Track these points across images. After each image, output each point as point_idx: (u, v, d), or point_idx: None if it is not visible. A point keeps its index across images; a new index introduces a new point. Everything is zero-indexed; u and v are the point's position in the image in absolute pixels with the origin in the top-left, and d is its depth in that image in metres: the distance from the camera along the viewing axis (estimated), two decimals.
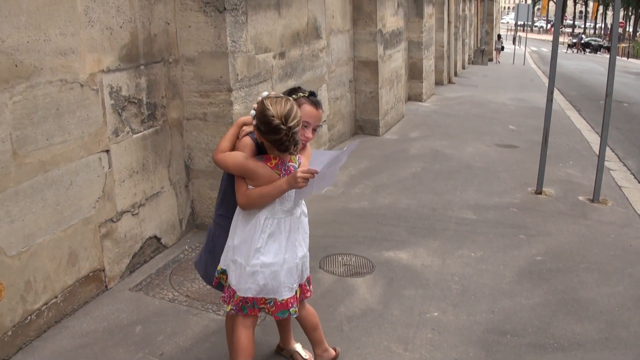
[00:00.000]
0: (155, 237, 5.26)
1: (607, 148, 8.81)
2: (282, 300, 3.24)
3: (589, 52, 58.54)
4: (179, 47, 5.36)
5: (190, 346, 4.01)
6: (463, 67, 25.56)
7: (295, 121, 2.96)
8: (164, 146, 5.28)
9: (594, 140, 11.28)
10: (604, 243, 6.06)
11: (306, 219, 3.37)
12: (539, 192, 7.63)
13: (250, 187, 3.12)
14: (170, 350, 3.96)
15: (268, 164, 3.09)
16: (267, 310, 3.28)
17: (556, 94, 14.72)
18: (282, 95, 3.11)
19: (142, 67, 4.92)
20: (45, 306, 4.10)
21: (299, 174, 2.99)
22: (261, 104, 3.01)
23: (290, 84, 6.49)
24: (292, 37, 6.47)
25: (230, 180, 3.23)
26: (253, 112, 3.05)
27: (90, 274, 4.51)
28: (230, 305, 3.26)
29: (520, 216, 6.76)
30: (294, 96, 3.20)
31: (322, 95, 7.56)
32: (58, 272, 4.19)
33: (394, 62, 11.69)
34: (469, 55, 29.41)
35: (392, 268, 5.26)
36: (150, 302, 4.55)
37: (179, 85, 5.42)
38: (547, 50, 47.53)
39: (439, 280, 5.08)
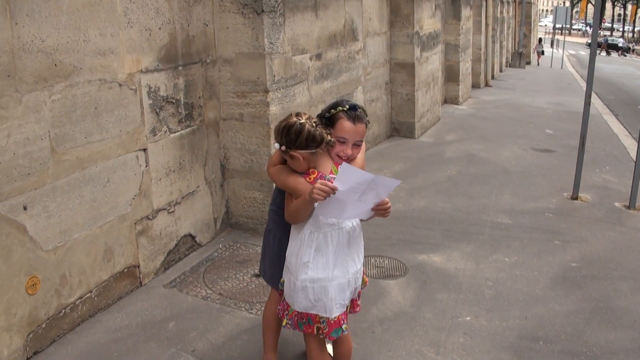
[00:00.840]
0: (190, 235, 5.31)
1: None
2: (334, 318, 3.14)
3: (619, 55, 57.21)
4: (217, 48, 5.41)
5: (222, 343, 4.04)
6: (500, 70, 25.34)
7: (301, 113, 3.08)
8: (200, 146, 5.33)
9: (631, 145, 11.12)
10: (639, 250, 5.99)
11: (361, 233, 3.26)
12: (575, 197, 7.55)
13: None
14: (203, 346, 4.00)
15: (307, 178, 3.05)
16: (321, 332, 3.18)
17: (594, 98, 14.55)
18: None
19: (180, 67, 4.97)
20: (79, 300, 4.17)
21: (316, 185, 2.82)
22: (276, 128, 3.09)
23: (326, 85, 6.51)
24: (328, 38, 6.48)
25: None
26: (276, 145, 3.08)
27: (125, 270, 4.58)
28: (285, 319, 3.23)
29: (555, 222, 6.70)
30: (332, 111, 3.10)
31: (358, 98, 7.57)
32: (93, 268, 4.26)
33: (430, 64, 11.64)
34: (507, 58, 29.14)
35: (425, 271, 5.25)
36: (184, 299, 4.60)
37: (216, 86, 5.47)
38: (585, 53, 46.97)
39: (472, 285, 5.06)
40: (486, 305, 4.73)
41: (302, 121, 2.99)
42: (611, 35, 77.26)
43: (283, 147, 3.01)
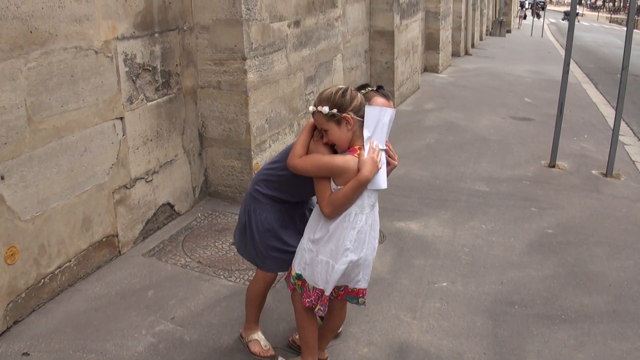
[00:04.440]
0: (169, 204, 5.31)
1: (623, 122, 8.76)
2: (354, 288, 3.18)
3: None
4: (194, 14, 5.36)
5: (201, 311, 4.07)
6: (481, 39, 25.32)
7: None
8: (178, 114, 5.31)
9: (609, 114, 11.19)
10: (615, 217, 6.06)
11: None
12: (552, 165, 7.61)
13: (337, 187, 2.98)
14: (182, 314, 4.03)
15: (355, 155, 2.95)
16: (334, 293, 3.19)
17: (573, 67, 14.61)
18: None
19: (156, 34, 4.93)
20: (58, 270, 4.16)
21: (372, 155, 2.91)
22: (325, 94, 2.97)
23: (305, 53, 6.47)
24: (307, 5, 6.44)
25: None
26: (326, 108, 2.92)
27: (104, 239, 4.58)
28: (319, 306, 3.14)
29: (532, 189, 6.76)
30: (362, 91, 3.08)
31: (337, 66, 7.54)
32: (72, 237, 4.26)
33: (410, 32, 11.61)
34: (487, 27, 29.11)
35: (402, 238, 5.29)
36: (163, 268, 4.61)
37: (194, 54, 5.43)
38: (565, 22, 46.95)
39: (449, 251, 5.11)
40: (462, 271, 4.79)
41: (352, 89, 2.97)
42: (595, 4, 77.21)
43: (335, 110, 2.90)
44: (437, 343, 3.85)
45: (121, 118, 4.61)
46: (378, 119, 2.97)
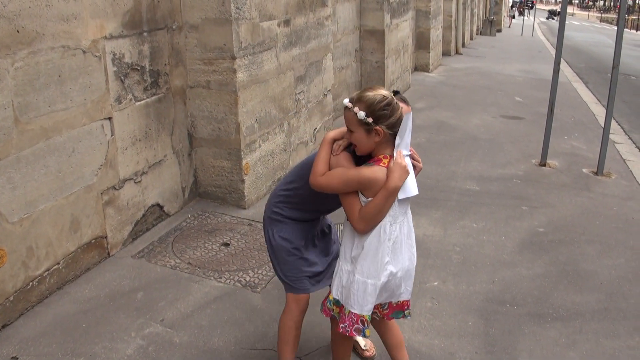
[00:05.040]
0: (158, 205, 5.27)
1: (613, 121, 8.77)
2: (398, 302, 3.06)
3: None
4: (183, 13, 5.32)
5: (191, 312, 4.04)
6: (471, 38, 25.36)
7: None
8: (167, 114, 5.27)
9: (600, 112, 11.22)
10: (606, 215, 6.06)
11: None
12: (543, 164, 7.62)
13: (366, 200, 2.82)
14: (172, 316, 3.99)
15: (382, 164, 2.80)
16: (378, 313, 3.10)
17: (564, 66, 14.64)
18: (363, 89, 2.86)
19: (145, 33, 4.90)
20: (47, 272, 4.12)
21: (400, 161, 2.77)
22: (367, 98, 2.75)
23: (295, 52, 6.45)
24: (297, 4, 6.41)
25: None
26: (362, 113, 2.73)
27: (93, 241, 4.54)
28: (369, 329, 3.00)
29: (523, 188, 6.76)
30: None
31: (327, 65, 7.52)
32: (60, 239, 4.22)
33: (400, 31, 11.60)
34: (478, 26, 29.17)
35: None
36: (152, 269, 4.58)
37: (182, 53, 5.40)
38: (555, 21, 47.10)
39: (440, 250, 5.10)
40: (454, 270, 4.77)
41: (396, 101, 2.80)
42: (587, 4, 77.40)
43: (370, 119, 2.73)
44: (429, 342, 3.83)
45: (109, 118, 4.57)
46: (408, 126, 2.83)
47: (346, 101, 2.81)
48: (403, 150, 2.82)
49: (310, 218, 3.22)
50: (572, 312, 4.27)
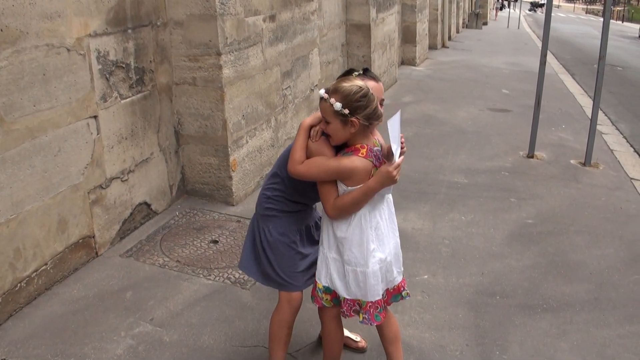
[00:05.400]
0: (146, 203, 5.24)
1: (600, 112, 8.82)
2: (394, 286, 3.09)
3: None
4: (167, 9, 5.29)
5: (180, 310, 4.02)
6: (457, 31, 25.38)
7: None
8: (153, 111, 5.24)
9: (586, 104, 11.26)
10: (594, 206, 6.08)
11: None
12: (530, 155, 7.63)
13: (347, 188, 2.84)
14: (161, 314, 3.97)
15: (359, 154, 2.82)
16: (386, 304, 3.10)
17: (550, 58, 14.67)
18: (339, 79, 2.88)
19: (129, 30, 4.86)
20: (35, 273, 4.09)
21: (392, 171, 2.76)
22: (343, 89, 2.76)
23: (281, 47, 6.43)
24: None
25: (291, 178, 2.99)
26: (338, 105, 2.74)
27: (80, 241, 4.51)
28: (361, 315, 3.00)
29: (511, 180, 6.77)
30: (353, 75, 2.95)
31: (314, 60, 7.50)
32: (47, 239, 4.19)
33: (386, 25, 11.59)
34: (464, 19, 29.20)
35: None
36: (141, 268, 4.56)
37: (168, 50, 5.36)
38: (541, 13, 47.20)
39: (429, 244, 5.10)
40: (443, 263, 4.77)
41: (372, 92, 2.81)
42: None
43: (347, 110, 2.74)
44: (420, 336, 3.83)
45: (95, 117, 4.54)
46: (399, 126, 2.84)
47: (322, 92, 2.82)
48: (393, 145, 2.81)
49: (301, 208, 3.20)
50: (562, 303, 4.28)
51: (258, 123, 6.02)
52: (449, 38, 21.68)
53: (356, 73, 2.96)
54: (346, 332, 3.66)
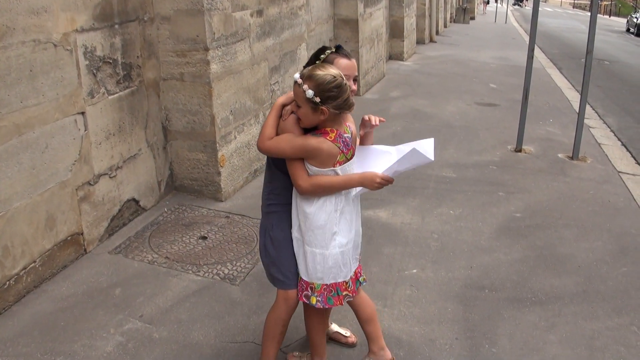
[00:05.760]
0: (134, 199, 5.23)
1: (588, 106, 8.82)
2: (352, 274, 3.14)
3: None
4: (154, 4, 5.26)
5: (170, 307, 4.01)
6: (445, 26, 25.41)
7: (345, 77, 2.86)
8: (141, 107, 5.22)
9: (574, 98, 11.30)
10: (582, 199, 6.11)
11: None
12: (518, 149, 7.65)
13: (312, 167, 2.88)
14: (150, 311, 3.96)
15: (327, 137, 2.84)
16: (350, 294, 3.12)
17: (537, 52, 14.71)
18: (315, 65, 2.87)
19: (116, 26, 4.83)
20: (23, 271, 4.07)
21: (379, 180, 2.89)
22: (317, 77, 2.77)
23: (269, 43, 6.42)
24: None
25: (279, 166, 3.04)
26: (310, 92, 2.75)
27: (69, 238, 4.49)
28: (314, 297, 3.04)
29: (499, 174, 6.79)
30: (322, 56, 2.99)
31: (302, 55, 7.49)
32: (36, 237, 4.16)
33: (374, 20, 11.58)
34: (451, 14, 29.24)
35: (371, 226, 5.27)
36: (130, 265, 4.54)
37: (155, 45, 5.34)
38: (529, 8, 47.33)
39: (418, 238, 5.11)
40: (432, 258, 4.78)
41: (345, 82, 2.83)
42: None
43: (318, 99, 2.76)
44: (409, 330, 3.84)
45: (82, 113, 4.51)
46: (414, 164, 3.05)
47: (297, 76, 2.84)
48: (394, 164, 2.96)
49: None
50: (551, 296, 4.30)
51: (246, 118, 6.00)
52: (437, 33, 21.70)
53: (329, 51, 3.00)
54: (336, 328, 3.70)
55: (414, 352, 3.64)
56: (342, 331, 3.69)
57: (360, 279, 3.23)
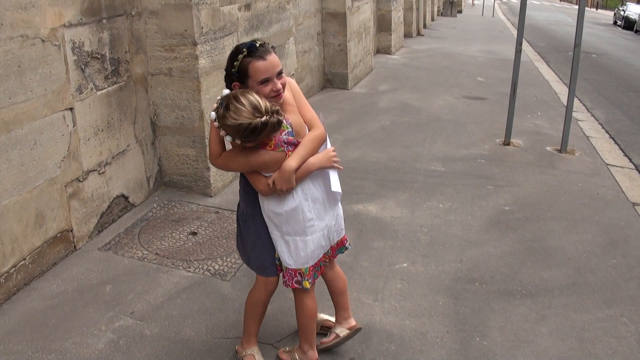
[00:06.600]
0: (123, 195, 5.21)
1: (575, 99, 8.88)
2: (337, 241, 3.35)
3: None
4: None
5: (161, 303, 4.00)
6: (432, 19, 25.41)
7: (266, 103, 2.77)
8: (129, 103, 5.19)
9: (562, 91, 11.34)
10: (571, 192, 6.13)
11: None
12: (507, 143, 7.68)
13: (268, 174, 2.97)
14: (141, 308, 3.95)
15: (268, 148, 2.90)
16: (326, 259, 3.33)
17: (525, 46, 14.73)
18: (226, 106, 2.81)
19: (104, 20, 4.81)
20: (13, 269, 4.05)
21: (332, 152, 3.08)
22: (228, 124, 2.77)
23: (257, 37, 6.37)
24: None
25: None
26: (229, 137, 2.83)
27: (58, 235, 4.47)
28: (305, 281, 3.17)
29: (488, 167, 6.80)
30: (235, 63, 2.90)
31: (290, 49, 7.48)
32: (25, 234, 4.14)
33: (362, 14, 11.57)
34: (438, 7, 29.25)
35: (361, 221, 5.28)
36: (120, 261, 4.53)
37: (143, 40, 5.31)
38: (516, 1, 47.41)
39: (408, 232, 5.12)
40: (422, 251, 4.79)
41: (263, 119, 2.73)
42: None
43: (239, 141, 2.82)
44: (400, 324, 3.85)
45: (71, 109, 4.49)
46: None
47: (212, 116, 2.88)
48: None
49: None
50: (541, 288, 4.32)
51: None
52: (424, 26, 21.71)
53: (241, 55, 2.88)
54: (324, 316, 3.75)
55: (405, 346, 3.65)
56: (332, 319, 3.69)
57: (346, 244, 3.45)
